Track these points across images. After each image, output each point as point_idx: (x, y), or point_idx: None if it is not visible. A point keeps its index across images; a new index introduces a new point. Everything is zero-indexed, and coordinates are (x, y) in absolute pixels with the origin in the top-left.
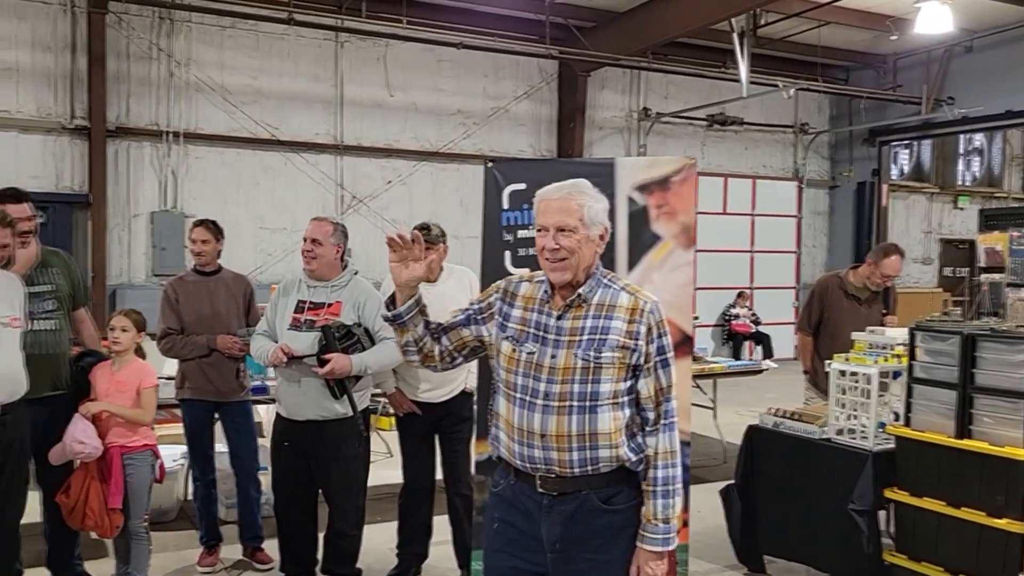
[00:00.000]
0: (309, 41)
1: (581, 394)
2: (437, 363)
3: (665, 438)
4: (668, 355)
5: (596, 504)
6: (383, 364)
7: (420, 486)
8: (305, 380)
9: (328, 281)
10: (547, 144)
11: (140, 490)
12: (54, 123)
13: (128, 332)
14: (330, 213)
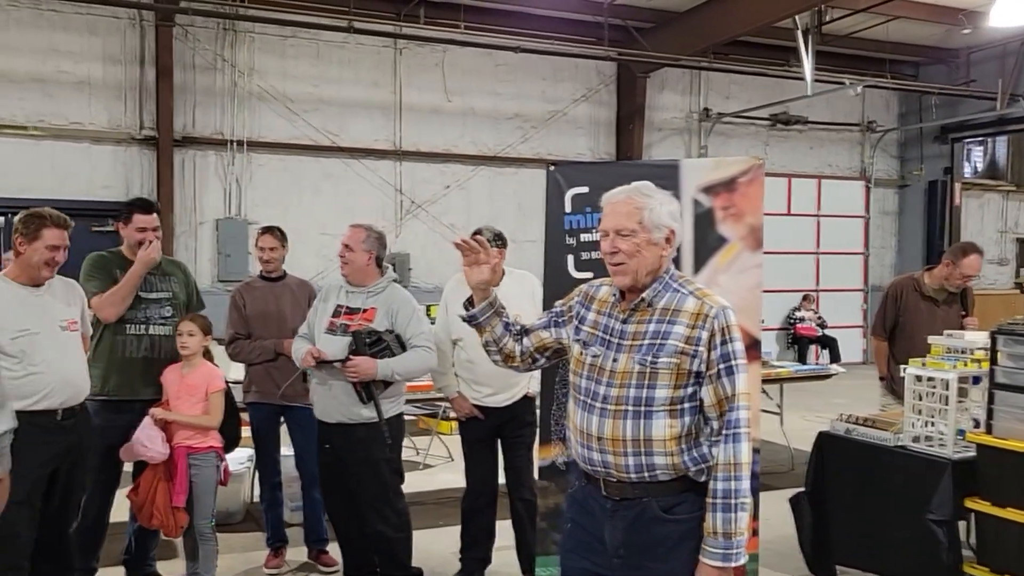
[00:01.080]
0: (368, 48)
1: (636, 399)
2: (519, 364)
3: (728, 449)
4: (734, 362)
5: (657, 513)
6: (411, 371)
7: (482, 491)
8: (335, 383)
9: (365, 287)
10: (606, 147)
11: (205, 491)
12: (124, 134)
13: (195, 336)
14: (389, 218)
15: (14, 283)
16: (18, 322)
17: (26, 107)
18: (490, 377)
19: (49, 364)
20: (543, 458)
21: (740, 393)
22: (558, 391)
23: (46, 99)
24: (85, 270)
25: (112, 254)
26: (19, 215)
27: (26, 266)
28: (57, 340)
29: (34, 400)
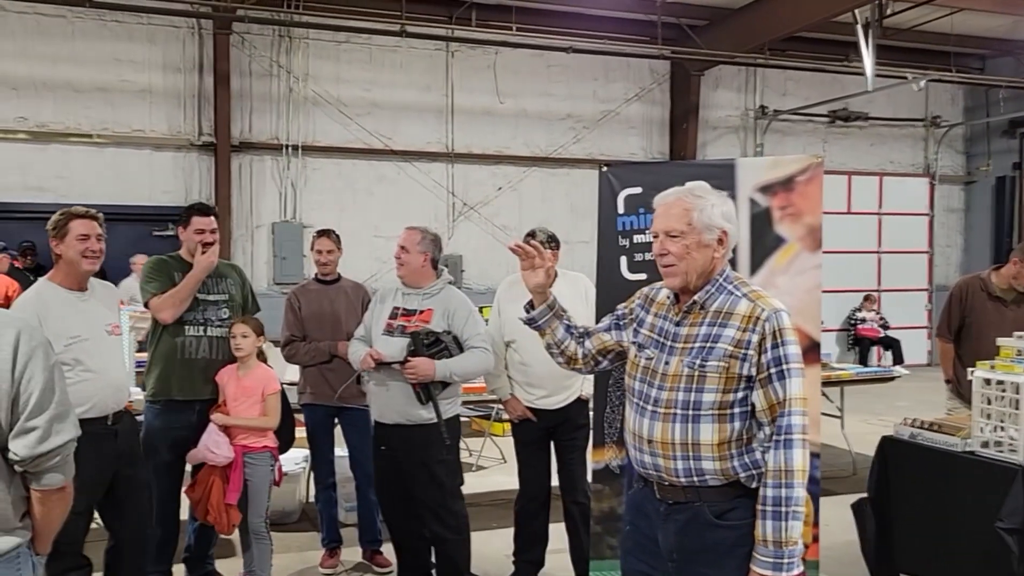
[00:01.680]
0: (420, 52)
1: (685, 402)
2: (581, 366)
3: (779, 455)
4: (787, 366)
5: (708, 518)
6: (469, 372)
7: (536, 493)
8: (393, 385)
9: (421, 289)
10: (659, 146)
11: (260, 489)
12: (183, 140)
13: (248, 338)
14: (441, 220)
15: (61, 288)
16: (70, 328)
17: (91, 115)
18: (543, 379)
19: (99, 370)
20: (597, 461)
21: (794, 398)
22: (611, 393)
23: (109, 107)
24: (145, 272)
25: (172, 258)
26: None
27: (67, 266)
28: (104, 345)
29: (87, 407)
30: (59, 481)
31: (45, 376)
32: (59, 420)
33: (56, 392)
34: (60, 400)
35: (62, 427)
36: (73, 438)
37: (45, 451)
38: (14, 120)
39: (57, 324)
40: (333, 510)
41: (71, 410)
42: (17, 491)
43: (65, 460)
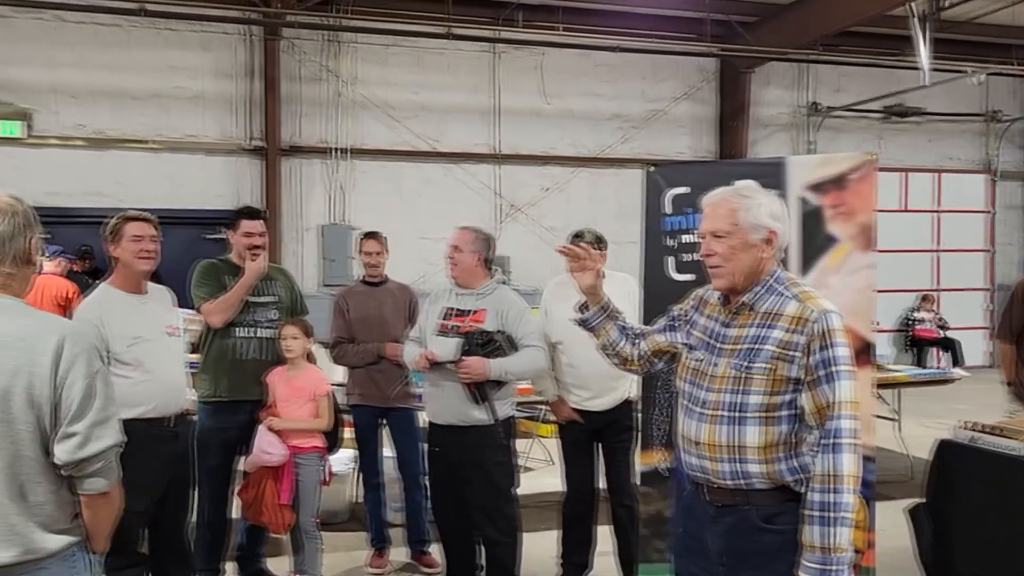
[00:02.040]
0: (467, 54)
1: (731, 404)
2: (636, 367)
3: (826, 459)
4: (835, 368)
5: (756, 522)
6: (523, 371)
7: (582, 496)
8: (447, 385)
9: (473, 289)
10: (708, 145)
11: (309, 489)
12: (234, 145)
13: (298, 339)
14: (488, 222)
15: (120, 291)
16: (131, 330)
17: (146, 122)
18: (589, 380)
19: (160, 371)
20: (644, 464)
21: (843, 401)
22: (659, 395)
23: (164, 114)
24: (195, 276)
25: (222, 261)
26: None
27: (124, 268)
28: (164, 347)
29: (148, 408)
30: (102, 486)
31: (86, 382)
32: (100, 426)
33: (97, 398)
34: (102, 406)
35: (103, 433)
36: (115, 444)
37: (85, 456)
38: (73, 127)
39: (118, 326)
40: (380, 510)
41: (114, 416)
42: (65, 493)
43: (108, 465)
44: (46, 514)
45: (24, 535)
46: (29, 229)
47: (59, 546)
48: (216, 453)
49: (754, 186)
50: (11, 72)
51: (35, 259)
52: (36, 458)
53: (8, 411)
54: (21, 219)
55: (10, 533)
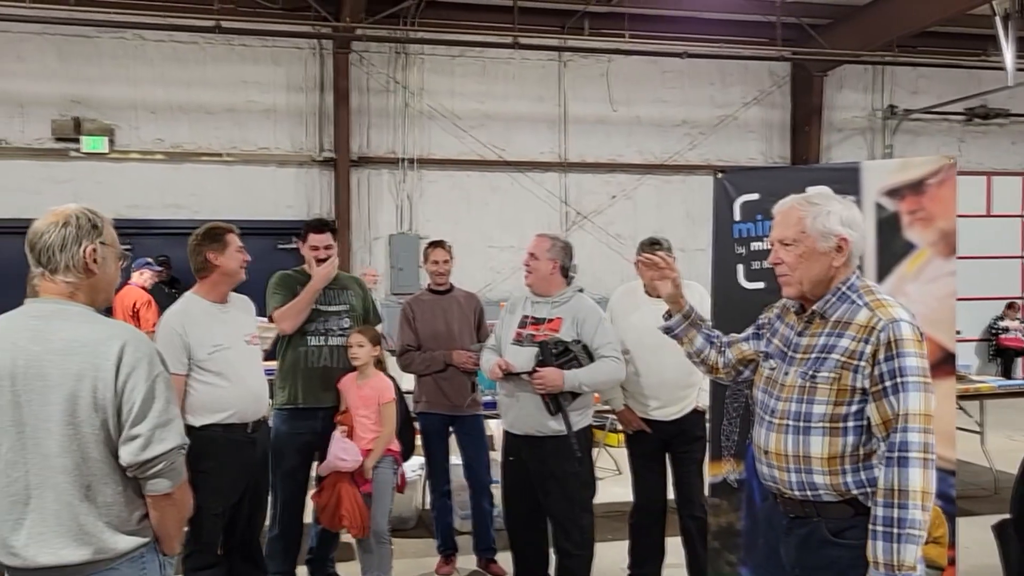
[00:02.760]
0: (533, 63)
1: (796, 413)
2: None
3: (891, 473)
4: (903, 379)
5: (825, 535)
6: (599, 382)
7: (651, 506)
8: (523, 395)
9: (550, 297)
10: (779, 151)
11: (383, 494)
12: (305, 157)
13: (364, 347)
14: (555, 230)
15: (204, 300)
16: (213, 337)
17: (220, 135)
18: (657, 390)
19: (240, 378)
20: (714, 475)
21: (912, 414)
22: (728, 405)
23: (237, 127)
24: (270, 286)
25: (297, 272)
26: (196, 237)
27: (223, 276)
28: (245, 354)
29: (228, 414)
30: (165, 487)
31: (147, 386)
32: (162, 428)
33: (159, 401)
34: (163, 409)
35: (165, 435)
36: (177, 446)
37: (147, 458)
38: (152, 142)
39: (201, 334)
40: (448, 517)
41: (176, 419)
42: (133, 495)
43: (171, 467)
44: (115, 515)
45: (94, 535)
46: (86, 239)
47: (128, 547)
48: (290, 459)
49: (826, 193)
50: (96, 90)
51: (93, 268)
52: (103, 460)
53: (75, 414)
54: (74, 229)
55: (80, 532)
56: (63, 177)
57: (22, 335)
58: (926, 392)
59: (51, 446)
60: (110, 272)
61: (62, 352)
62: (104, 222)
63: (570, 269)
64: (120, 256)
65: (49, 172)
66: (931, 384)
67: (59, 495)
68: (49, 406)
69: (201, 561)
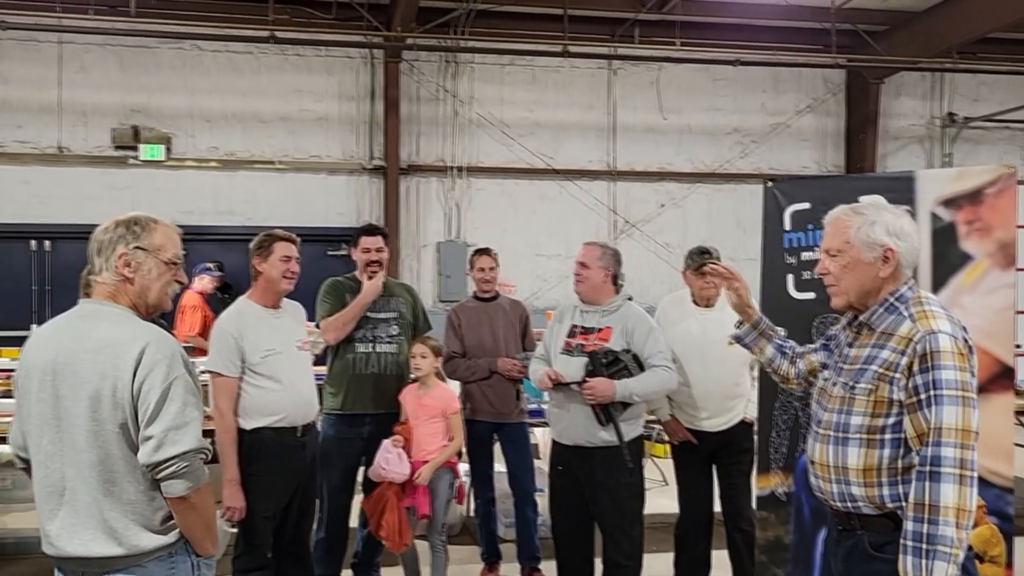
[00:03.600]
0: (583, 71)
1: (836, 424)
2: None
3: (921, 488)
4: (937, 392)
5: (866, 548)
6: (649, 391)
7: (697, 518)
8: (573, 405)
9: (599, 306)
10: (834, 159)
11: (440, 504)
12: (356, 164)
13: (427, 358)
14: (603, 238)
15: (257, 304)
16: (265, 342)
17: (273, 143)
18: (704, 400)
19: (291, 382)
20: (762, 488)
21: (946, 428)
22: (777, 417)
23: (289, 136)
24: (320, 294)
25: (347, 278)
26: (253, 243)
27: (267, 284)
28: (296, 359)
29: (279, 417)
30: (179, 490)
31: (163, 387)
32: (176, 430)
33: (174, 403)
34: (179, 412)
35: (178, 438)
36: (191, 450)
37: (159, 460)
38: (207, 150)
39: (254, 338)
40: (492, 525)
41: (193, 423)
42: (154, 493)
43: (185, 470)
44: (139, 513)
45: (119, 531)
46: (121, 244)
47: (153, 545)
48: (337, 463)
49: (876, 202)
50: (154, 99)
51: (125, 273)
52: (124, 458)
53: (98, 412)
54: (112, 235)
55: (107, 527)
56: (122, 184)
57: (66, 333)
58: (964, 406)
59: (80, 441)
60: (149, 278)
61: (93, 351)
62: (149, 230)
63: (619, 277)
64: (169, 262)
65: (109, 179)
66: (972, 398)
67: (89, 489)
68: (79, 402)
69: (250, 563)
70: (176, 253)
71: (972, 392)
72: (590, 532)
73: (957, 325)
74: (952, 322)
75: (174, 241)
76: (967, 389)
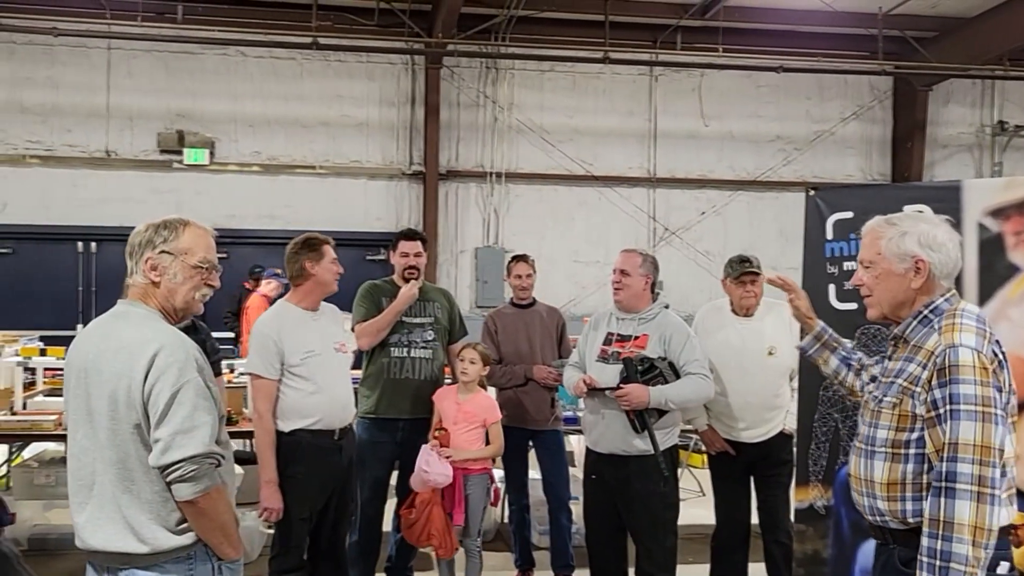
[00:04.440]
0: (624, 78)
1: (867, 437)
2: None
3: (936, 503)
4: (953, 406)
5: (896, 563)
6: (685, 398)
7: (734, 530)
8: (608, 413)
9: (636, 313)
10: (879, 167)
11: (476, 510)
12: (395, 170)
13: (476, 364)
14: (642, 245)
15: (297, 307)
16: (305, 344)
17: (315, 148)
18: (743, 411)
19: (329, 385)
20: (800, 500)
21: (962, 443)
22: (817, 429)
23: (330, 141)
24: (357, 298)
25: (385, 281)
26: (294, 245)
27: (317, 286)
28: (333, 362)
29: (315, 420)
30: (186, 493)
31: (172, 391)
32: (183, 434)
33: (183, 407)
34: (187, 416)
35: (185, 442)
36: (198, 455)
37: (166, 463)
38: (250, 154)
39: (294, 339)
40: (526, 532)
41: (202, 427)
42: (167, 493)
43: (191, 474)
44: (156, 512)
45: (137, 529)
46: (148, 248)
47: (171, 546)
48: (371, 466)
49: (911, 213)
50: (199, 104)
51: (150, 276)
52: (139, 458)
53: (116, 411)
54: (142, 238)
55: (126, 524)
56: (166, 187)
57: (99, 332)
58: (984, 422)
59: (103, 438)
60: (175, 282)
61: (114, 350)
62: (176, 233)
63: (657, 284)
64: (196, 266)
65: (153, 183)
66: (994, 414)
67: (111, 486)
68: (101, 400)
69: (287, 564)
70: (205, 257)
71: (995, 408)
72: (623, 542)
73: (986, 339)
74: (979, 335)
75: (204, 244)
76: (988, 404)
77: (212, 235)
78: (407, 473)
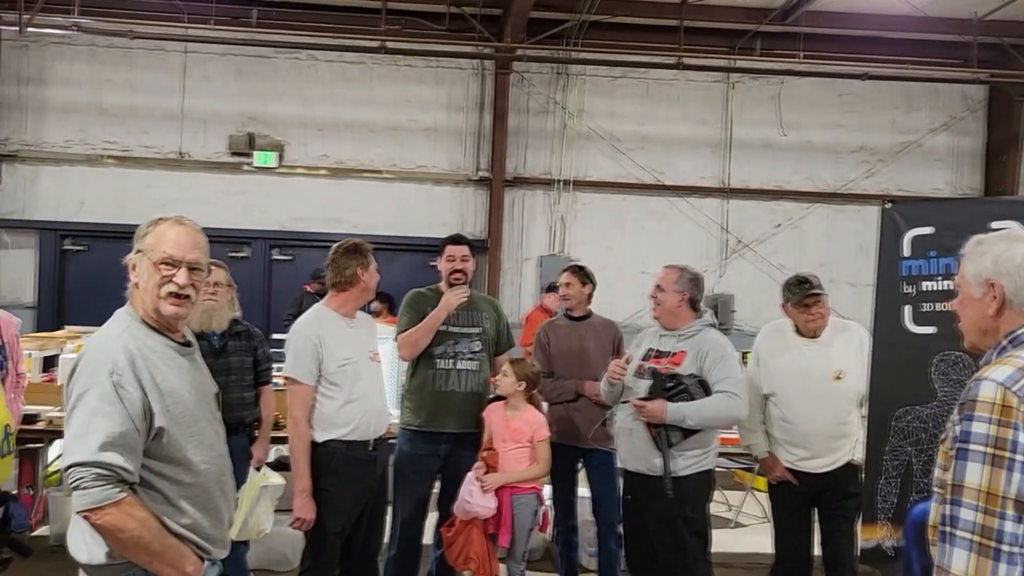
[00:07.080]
0: (698, 84)
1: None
2: None
3: (940, 549)
4: (963, 445)
5: None
6: (706, 417)
7: (794, 564)
8: (636, 428)
9: (677, 330)
10: (970, 181)
11: (522, 531)
12: (461, 176)
13: (507, 378)
14: (713, 258)
15: (335, 313)
16: (344, 351)
17: (381, 153)
18: (806, 438)
19: (364, 394)
20: (866, 539)
21: (966, 487)
22: (886, 462)
23: (397, 145)
24: (401, 306)
25: (429, 290)
26: (340, 251)
27: (363, 293)
28: (368, 371)
29: (350, 429)
30: (79, 503)
31: (77, 394)
32: (77, 439)
33: (82, 411)
34: (83, 421)
35: (76, 447)
36: (82, 462)
37: (63, 467)
38: (318, 158)
39: (333, 346)
40: (573, 553)
41: (92, 434)
42: None
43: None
44: None
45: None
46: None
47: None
48: (413, 480)
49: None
50: (270, 107)
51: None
52: None
53: None
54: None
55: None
56: (236, 189)
57: None
58: (993, 466)
59: None
60: (143, 280)
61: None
62: (148, 230)
63: (699, 301)
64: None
65: (224, 184)
66: (1011, 459)
67: None
68: None
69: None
70: (166, 252)
71: (1012, 452)
72: (662, 567)
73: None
74: (1018, 370)
75: (172, 241)
76: (1003, 448)
77: (193, 233)
78: (449, 487)
